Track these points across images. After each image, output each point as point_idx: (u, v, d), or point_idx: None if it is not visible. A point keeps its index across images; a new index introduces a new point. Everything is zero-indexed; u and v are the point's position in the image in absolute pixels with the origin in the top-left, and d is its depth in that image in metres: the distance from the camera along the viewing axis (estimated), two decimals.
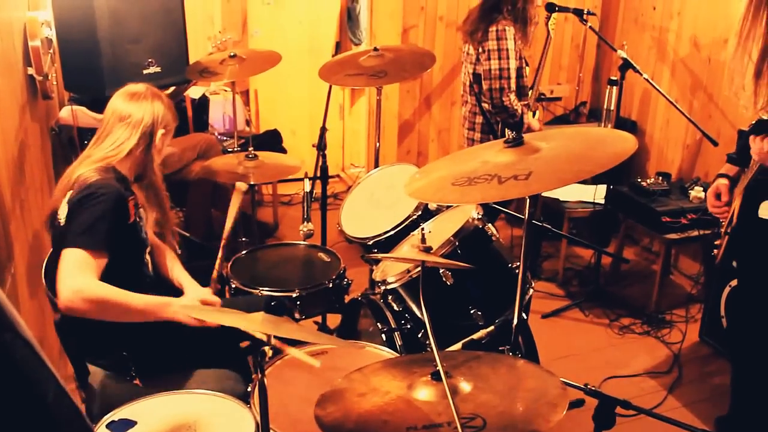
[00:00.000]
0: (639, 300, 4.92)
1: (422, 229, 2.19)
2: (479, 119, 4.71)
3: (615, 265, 5.31)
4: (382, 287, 3.05)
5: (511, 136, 2.29)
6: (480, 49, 4.54)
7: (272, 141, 6.08)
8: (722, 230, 3.25)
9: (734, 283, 4.13)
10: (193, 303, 2.81)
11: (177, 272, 3.09)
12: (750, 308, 3.26)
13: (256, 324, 1.91)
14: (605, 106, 4.88)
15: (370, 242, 3.37)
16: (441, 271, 2.84)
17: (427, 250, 2.12)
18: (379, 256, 2.94)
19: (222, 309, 2.51)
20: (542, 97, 5.82)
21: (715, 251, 3.31)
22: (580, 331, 4.60)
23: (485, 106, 4.62)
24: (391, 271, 3.04)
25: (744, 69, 2.77)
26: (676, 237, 4.62)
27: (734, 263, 3.63)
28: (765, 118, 2.90)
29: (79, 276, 2.45)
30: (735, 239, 3.20)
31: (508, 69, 4.48)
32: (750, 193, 3.08)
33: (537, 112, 5.07)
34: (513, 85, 4.52)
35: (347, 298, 3.48)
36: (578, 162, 2.15)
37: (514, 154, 2.26)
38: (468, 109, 4.78)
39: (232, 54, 4.08)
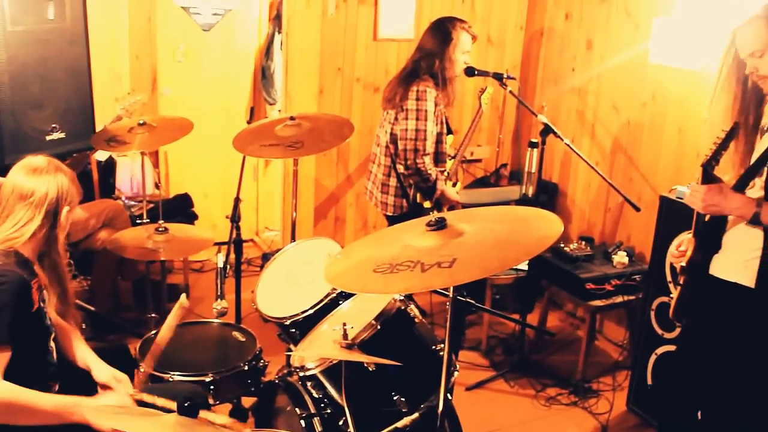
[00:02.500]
0: (565, 368, 4.96)
1: (344, 324, 2.16)
2: (393, 182, 4.72)
3: (539, 332, 5.35)
4: (301, 373, 3.01)
5: (433, 220, 2.29)
6: (399, 109, 4.57)
7: (183, 206, 6.00)
8: (678, 279, 3.25)
9: (661, 350, 4.20)
10: (106, 401, 2.71)
11: (82, 353, 2.99)
12: (691, 372, 3.29)
13: (168, 431, 1.86)
14: (526, 169, 4.95)
15: (287, 322, 3.32)
16: None
17: (350, 347, 2.10)
18: (300, 352, 2.90)
19: (136, 409, 2.42)
20: (462, 159, 5.88)
21: (670, 300, 3.32)
22: (506, 403, 4.60)
23: (400, 168, 4.64)
24: (310, 356, 3.00)
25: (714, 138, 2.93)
26: (601, 304, 4.69)
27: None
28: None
29: None
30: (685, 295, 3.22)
31: (425, 131, 4.51)
32: (701, 243, 3.11)
33: (458, 183, 5.12)
34: (429, 148, 4.55)
35: (264, 380, 3.43)
36: (503, 248, 2.18)
37: (437, 237, 2.26)
38: (382, 171, 4.79)
39: (141, 121, 4.03)
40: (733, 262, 3.01)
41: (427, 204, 4.66)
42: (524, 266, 4.95)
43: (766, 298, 2.94)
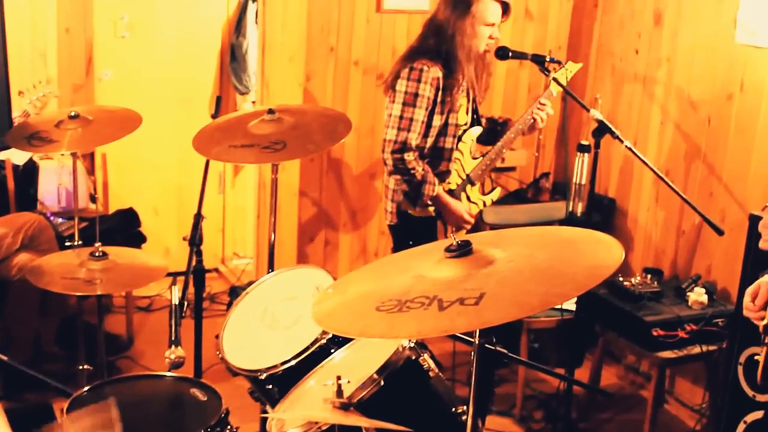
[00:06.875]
0: None
1: (339, 378, 2.17)
2: (392, 184, 4.75)
3: (592, 391, 5.35)
4: None
5: (454, 243, 2.30)
6: (391, 91, 4.63)
7: (126, 225, 6.01)
8: (763, 337, 3.25)
9: (751, 418, 4.19)
10: None
11: None
12: None
13: None
14: (574, 180, 4.94)
15: (263, 376, 3.32)
16: None
17: (345, 407, 2.10)
18: (279, 414, 2.90)
19: None
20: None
21: (760, 358, 3.32)
22: None
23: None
24: (292, 419, 3.01)
25: None
26: (672, 355, 4.69)
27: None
28: None
29: None
30: None
31: (410, 119, 4.52)
32: None
33: (497, 189, 5.08)
34: (414, 141, 4.55)
35: None
36: (546, 281, 2.18)
37: (459, 266, 2.27)
38: (386, 171, 4.83)
39: (72, 113, 4.03)
40: None
41: (412, 211, 4.66)
42: (571, 305, 4.94)
43: None
